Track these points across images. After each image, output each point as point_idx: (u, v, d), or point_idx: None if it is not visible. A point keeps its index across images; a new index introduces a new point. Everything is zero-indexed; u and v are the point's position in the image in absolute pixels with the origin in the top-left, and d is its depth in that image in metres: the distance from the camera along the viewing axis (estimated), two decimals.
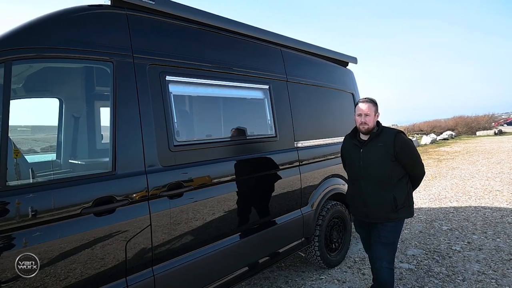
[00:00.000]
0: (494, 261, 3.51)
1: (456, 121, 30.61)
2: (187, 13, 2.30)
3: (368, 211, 2.34)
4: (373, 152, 2.29)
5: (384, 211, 2.27)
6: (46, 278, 1.54)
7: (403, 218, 2.32)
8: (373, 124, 2.33)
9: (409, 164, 2.27)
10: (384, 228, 2.31)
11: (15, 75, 1.80)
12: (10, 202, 1.47)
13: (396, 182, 2.26)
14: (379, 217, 2.31)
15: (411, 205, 2.35)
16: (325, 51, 3.78)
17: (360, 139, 2.41)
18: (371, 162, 2.29)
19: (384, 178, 2.26)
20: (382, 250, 2.32)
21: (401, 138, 2.26)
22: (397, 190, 2.26)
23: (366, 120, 2.31)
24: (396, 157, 2.24)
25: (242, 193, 2.50)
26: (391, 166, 2.25)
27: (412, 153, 2.28)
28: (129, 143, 1.88)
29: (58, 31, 1.70)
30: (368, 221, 2.40)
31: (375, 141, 2.30)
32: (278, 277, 3.35)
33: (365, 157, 2.32)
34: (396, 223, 2.32)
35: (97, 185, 1.73)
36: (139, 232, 1.85)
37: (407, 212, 2.31)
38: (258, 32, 2.88)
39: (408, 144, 2.27)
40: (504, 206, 5.59)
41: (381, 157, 2.25)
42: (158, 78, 2.08)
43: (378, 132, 2.32)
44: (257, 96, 2.89)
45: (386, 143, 2.25)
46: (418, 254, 3.76)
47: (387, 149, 2.24)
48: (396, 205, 2.25)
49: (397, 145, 2.23)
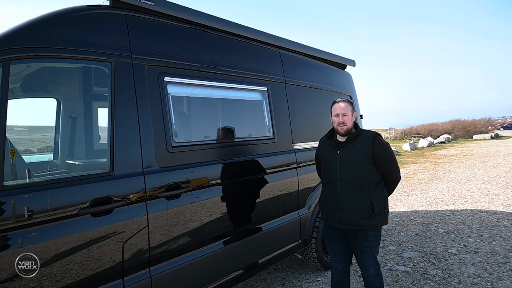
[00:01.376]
0: (489, 264, 3.52)
1: (453, 124, 30.79)
2: (186, 14, 2.31)
3: (342, 217, 2.21)
4: (351, 154, 2.20)
5: (360, 217, 2.16)
6: (42, 279, 1.53)
7: (378, 225, 2.21)
8: (351, 124, 2.25)
9: (386, 168, 2.20)
10: (366, 239, 2.21)
11: (13, 74, 1.79)
12: (6, 202, 1.46)
13: (373, 187, 2.18)
14: (354, 223, 2.19)
15: (387, 212, 2.26)
16: (323, 53, 3.80)
17: (337, 140, 2.31)
18: (349, 164, 2.20)
19: (362, 182, 2.17)
20: (368, 260, 2.25)
21: (380, 141, 2.21)
22: (374, 195, 2.17)
23: (344, 120, 2.22)
24: (373, 160, 2.16)
25: (239, 195, 2.50)
26: (369, 169, 2.17)
27: (390, 157, 2.22)
28: (127, 144, 1.88)
29: (56, 31, 1.70)
30: (341, 227, 2.26)
31: (353, 142, 2.22)
32: (275, 279, 3.35)
33: (343, 159, 2.22)
34: (376, 231, 2.23)
35: (94, 186, 1.73)
36: (137, 233, 1.84)
37: (383, 219, 2.21)
38: (257, 34, 2.89)
39: (386, 148, 2.22)
40: (500, 209, 5.62)
41: (359, 159, 2.17)
42: (156, 79, 2.08)
43: (357, 134, 2.24)
44: (256, 98, 2.90)
45: (364, 145, 2.18)
46: (415, 257, 3.77)
47: (365, 151, 2.16)
48: (373, 211, 2.15)
49: (375, 147, 2.16)
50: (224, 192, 2.36)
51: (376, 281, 2.27)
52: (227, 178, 2.39)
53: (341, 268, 2.40)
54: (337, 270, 2.42)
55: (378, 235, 2.27)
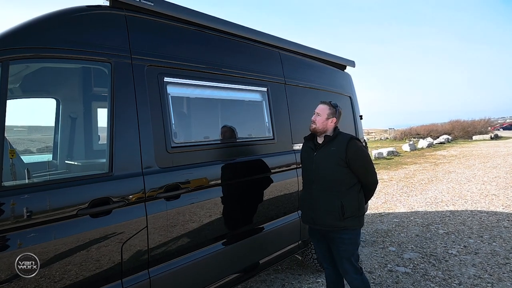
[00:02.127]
0: (490, 265, 3.52)
1: (453, 125, 30.83)
2: (185, 15, 2.30)
3: (315, 217, 2.25)
4: (325, 156, 2.23)
5: (331, 219, 2.17)
6: (40, 279, 1.52)
7: (350, 228, 2.19)
8: (321, 126, 2.27)
9: (360, 171, 2.20)
10: (341, 241, 2.20)
11: (12, 74, 1.79)
12: (5, 203, 1.45)
13: (346, 190, 2.18)
14: (325, 224, 2.20)
15: (362, 215, 2.24)
16: (323, 54, 3.79)
17: (316, 142, 2.35)
18: (323, 166, 2.23)
19: (335, 184, 2.18)
20: (345, 264, 2.24)
21: (354, 144, 2.21)
22: (346, 198, 2.17)
23: (315, 119, 2.29)
24: (347, 163, 2.17)
25: (239, 195, 2.49)
26: (342, 172, 2.18)
27: (364, 160, 2.22)
28: (126, 144, 1.87)
29: (56, 31, 1.69)
30: (314, 227, 2.31)
31: (329, 145, 2.25)
32: (275, 280, 3.34)
33: (318, 161, 2.26)
34: (352, 234, 2.21)
35: (93, 186, 1.72)
36: (136, 234, 1.83)
37: (356, 222, 2.20)
38: (257, 35, 2.89)
39: (360, 151, 2.21)
40: (500, 210, 5.62)
41: (333, 162, 2.19)
42: (156, 79, 2.07)
43: (333, 137, 2.27)
44: (255, 98, 2.89)
45: (338, 148, 2.20)
46: (415, 258, 3.77)
47: (339, 154, 2.18)
48: (343, 213, 2.14)
49: (349, 151, 2.17)
50: (224, 193, 2.35)
51: (358, 283, 2.25)
52: (227, 178, 2.39)
53: (331, 268, 2.42)
54: (329, 270, 2.45)
55: (355, 239, 2.24)
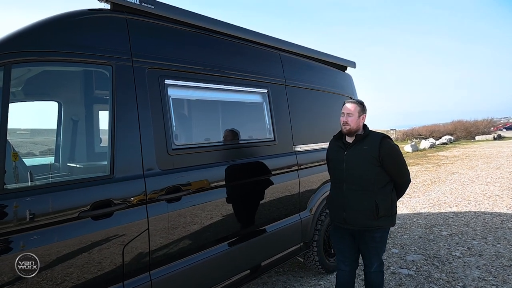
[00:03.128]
0: (494, 267, 3.49)
1: (455, 125, 30.69)
2: (186, 17, 2.31)
3: (347, 217, 2.24)
4: (357, 155, 2.21)
5: (364, 218, 2.17)
6: (42, 282, 1.52)
7: (383, 227, 2.21)
8: (355, 126, 2.24)
9: (394, 170, 2.19)
10: (372, 240, 2.22)
11: (14, 78, 1.80)
12: (8, 205, 1.46)
13: (380, 189, 2.17)
14: (358, 224, 2.20)
15: (394, 214, 2.25)
16: (323, 55, 3.79)
17: (346, 141, 2.32)
18: (355, 165, 2.21)
19: (367, 183, 2.17)
20: (374, 258, 2.27)
21: (387, 143, 2.20)
22: (380, 197, 2.17)
23: (348, 120, 2.23)
24: (380, 162, 2.16)
25: (240, 197, 2.49)
26: (375, 171, 2.17)
27: (398, 160, 2.21)
28: (127, 147, 1.88)
29: (57, 35, 1.70)
30: (346, 227, 2.28)
31: (360, 144, 2.22)
32: (276, 283, 3.32)
33: (349, 160, 2.24)
34: (383, 232, 2.23)
35: (95, 189, 1.73)
36: (137, 236, 1.83)
37: (389, 221, 2.21)
38: (257, 36, 2.89)
39: (394, 150, 2.21)
40: (504, 211, 5.57)
41: (365, 161, 2.17)
42: (157, 81, 2.08)
43: (364, 135, 2.24)
44: (256, 100, 2.90)
45: (371, 146, 2.17)
46: (418, 260, 3.74)
47: (372, 153, 2.16)
48: (378, 213, 2.14)
49: (382, 149, 2.15)
50: (225, 195, 2.35)
51: (377, 278, 2.28)
52: (228, 180, 2.38)
53: (347, 270, 2.40)
54: (343, 272, 2.42)
55: (385, 237, 2.28)
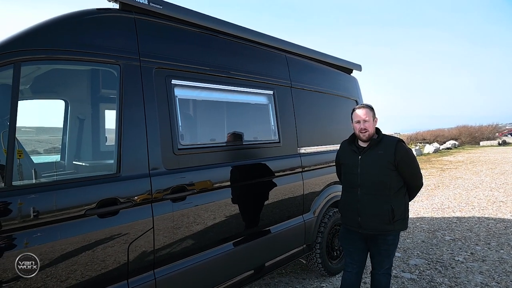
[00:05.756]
0: (497, 272, 3.46)
1: (460, 130, 30.50)
2: (194, 18, 2.33)
3: (362, 221, 2.24)
4: (373, 160, 2.21)
5: (380, 223, 2.19)
6: (47, 279, 1.53)
7: (398, 230, 2.24)
8: (372, 130, 2.25)
9: (408, 174, 2.21)
10: (384, 242, 2.24)
11: (23, 76, 1.82)
12: (13, 202, 1.47)
13: (395, 193, 2.19)
14: (373, 228, 2.21)
15: (407, 217, 2.27)
16: (329, 57, 3.79)
17: (359, 145, 2.32)
18: (370, 169, 2.21)
19: (383, 187, 2.18)
20: (385, 260, 2.30)
21: (403, 147, 2.21)
22: (395, 201, 2.19)
23: (366, 126, 2.22)
24: (396, 166, 2.17)
25: (244, 198, 2.49)
26: (391, 175, 2.17)
27: (413, 164, 2.22)
28: (134, 146, 1.89)
29: (66, 34, 1.72)
30: (360, 231, 2.28)
31: (375, 148, 2.22)
32: (278, 284, 3.32)
33: (364, 164, 2.24)
34: (395, 235, 2.27)
35: (101, 187, 1.74)
36: (142, 235, 1.84)
37: (403, 224, 2.24)
38: (264, 38, 2.90)
39: (409, 154, 2.22)
40: (508, 217, 5.53)
41: (381, 165, 2.18)
42: (164, 81, 2.09)
43: (379, 140, 2.24)
44: (262, 102, 2.90)
45: (386, 151, 2.18)
46: (421, 264, 3.72)
47: (388, 157, 2.16)
48: (393, 217, 2.16)
49: (398, 154, 2.16)
50: (229, 195, 2.36)
51: (384, 280, 2.30)
52: (232, 181, 2.39)
53: (355, 272, 2.40)
54: (350, 274, 2.41)
55: (397, 239, 2.31)
